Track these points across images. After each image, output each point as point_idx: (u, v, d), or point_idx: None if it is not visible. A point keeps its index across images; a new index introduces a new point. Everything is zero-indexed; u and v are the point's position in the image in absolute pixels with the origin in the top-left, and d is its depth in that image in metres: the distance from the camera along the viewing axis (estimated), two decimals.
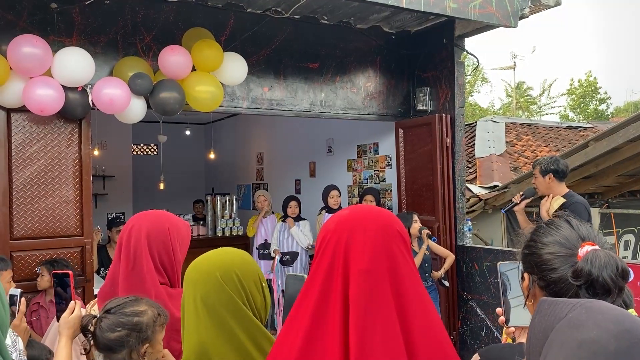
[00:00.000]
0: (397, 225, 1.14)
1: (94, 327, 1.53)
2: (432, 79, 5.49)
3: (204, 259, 1.40)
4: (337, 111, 5.31)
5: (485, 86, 30.96)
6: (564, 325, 0.81)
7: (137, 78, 3.95)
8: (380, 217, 1.14)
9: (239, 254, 1.43)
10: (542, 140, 9.31)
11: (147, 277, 1.76)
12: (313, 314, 1.06)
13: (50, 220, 3.97)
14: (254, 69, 4.73)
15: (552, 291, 1.13)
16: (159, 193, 8.48)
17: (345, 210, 1.18)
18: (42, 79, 3.62)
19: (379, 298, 1.03)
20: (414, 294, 1.06)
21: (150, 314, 1.58)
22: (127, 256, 1.78)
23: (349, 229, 1.11)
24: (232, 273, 1.33)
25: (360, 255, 1.07)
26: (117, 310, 1.56)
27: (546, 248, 1.17)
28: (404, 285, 1.07)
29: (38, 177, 3.94)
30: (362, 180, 6.71)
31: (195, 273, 1.36)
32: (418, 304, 1.05)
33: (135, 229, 1.82)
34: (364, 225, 1.11)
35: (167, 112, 4.14)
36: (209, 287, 1.31)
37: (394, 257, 1.08)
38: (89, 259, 4.10)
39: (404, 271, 1.07)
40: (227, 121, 9.86)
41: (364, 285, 1.04)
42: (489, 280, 5.05)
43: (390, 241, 1.10)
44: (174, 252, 1.83)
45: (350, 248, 1.08)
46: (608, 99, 27.53)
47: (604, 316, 0.80)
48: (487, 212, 6.76)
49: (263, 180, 9.00)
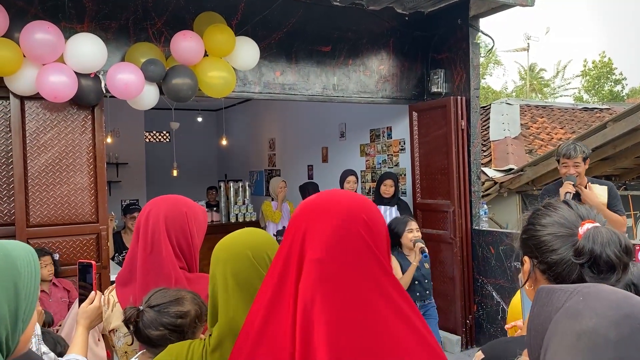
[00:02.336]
0: (364, 213, 1.03)
1: (136, 320, 1.51)
2: (447, 60, 5.40)
3: (233, 238, 1.40)
4: (350, 95, 5.25)
5: (498, 69, 30.56)
6: (561, 315, 0.77)
7: (150, 64, 3.92)
8: (345, 203, 1.05)
9: (266, 235, 1.44)
10: (557, 123, 9.18)
11: (166, 261, 1.74)
12: (268, 304, 1.02)
13: (65, 207, 3.98)
14: (265, 53, 4.68)
15: (554, 273, 1.10)
16: (172, 180, 8.50)
17: (312, 196, 1.12)
18: (55, 66, 3.61)
19: (329, 290, 0.95)
20: (374, 287, 0.97)
21: (193, 314, 1.56)
22: (145, 240, 1.76)
23: (310, 216, 1.05)
24: (264, 253, 1.35)
25: (315, 243, 1.00)
26: (161, 308, 1.53)
27: (545, 229, 1.13)
28: (365, 280, 0.97)
29: (53, 165, 3.94)
30: (376, 165, 6.66)
31: (224, 252, 1.36)
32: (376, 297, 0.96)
33: (153, 213, 1.80)
34: (324, 212, 1.03)
35: (180, 99, 4.12)
36: (240, 265, 1.32)
37: (354, 247, 0.99)
38: (105, 246, 4.12)
39: (366, 263, 0.98)
40: (239, 107, 9.83)
41: (313, 275, 0.97)
42: (505, 264, 5.00)
43: (352, 230, 1.00)
44: (191, 236, 1.81)
45: (307, 236, 1.02)
46: (623, 80, 27.09)
47: (602, 302, 0.75)
48: (502, 195, 6.69)
49: (275, 167, 8.98)
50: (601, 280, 1.05)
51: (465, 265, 5.13)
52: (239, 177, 9.36)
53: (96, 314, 1.81)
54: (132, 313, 1.51)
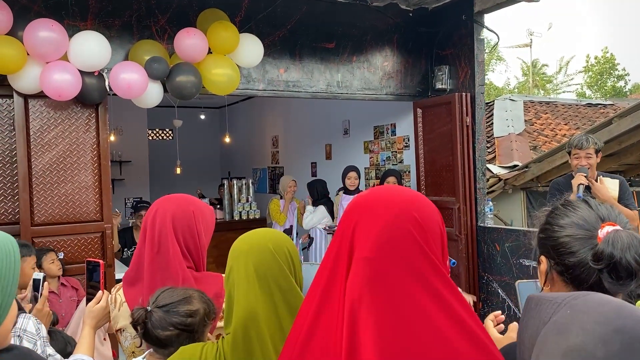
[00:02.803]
0: (415, 210, 0.99)
1: (144, 321, 1.49)
2: (451, 56, 5.37)
3: (253, 232, 1.42)
4: (354, 92, 5.23)
5: (500, 65, 30.46)
6: (548, 330, 0.73)
7: (154, 62, 3.90)
8: (396, 201, 1.01)
9: (283, 234, 1.47)
10: (561, 119, 9.15)
11: (173, 261, 1.72)
12: (319, 301, 1.00)
13: (70, 205, 3.97)
14: (269, 50, 4.66)
15: (572, 276, 1.06)
16: (176, 177, 8.50)
17: (365, 192, 1.09)
18: (59, 64, 3.59)
19: (377, 289, 0.92)
20: (423, 290, 0.93)
21: (202, 313, 1.54)
22: (152, 240, 1.75)
23: (360, 213, 1.01)
24: (284, 247, 1.36)
25: (364, 241, 0.97)
26: (170, 308, 1.50)
27: (563, 230, 1.09)
28: (414, 279, 0.94)
29: (57, 163, 3.93)
30: (380, 162, 6.64)
31: (246, 244, 1.38)
32: (426, 299, 0.92)
33: (160, 213, 1.78)
34: (375, 209, 1.00)
35: (184, 96, 4.10)
36: (261, 256, 1.33)
37: (404, 246, 0.95)
38: (110, 244, 4.11)
39: (418, 264, 0.95)
40: (242, 104, 9.81)
41: (361, 273, 0.94)
42: (511, 261, 4.98)
43: (402, 228, 0.97)
44: (199, 235, 1.79)
45: (356, 233, 0.99)
46: (626, 76, 26.98)
47: (590, 316, 0.70)
48: (506, 192, 6.66)
49: (279, 164, 8.96)
50: (620, 286, 1.02)
51: (471, 262, 5.11)
52: (242, 175, 9.35)
53: (103, 313, 1.79)
54: (140, 314, 1.49)
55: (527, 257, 4.77)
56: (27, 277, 2.86)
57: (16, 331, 1.74)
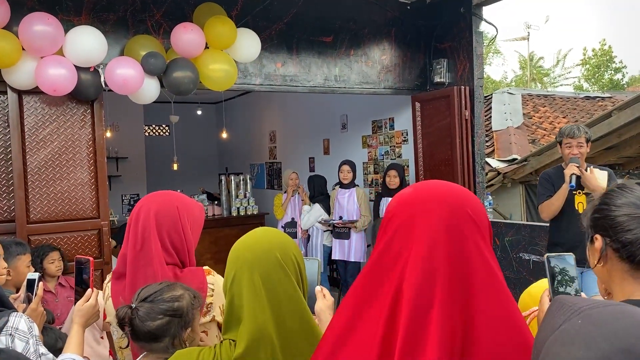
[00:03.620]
0: (468, 206, 0.98)
1: (131, 318, 1.45)
2: (450, 50, 5.33)
3: (257, 238, 1.34)
4: (352, 86, 5.18)
5: (497, 58, 30.39)
6: (554, 339, 0.69)
7: (150, 57, 3.85)
8: (448, 197, 0.99)
9: (286, 235, 1.40)
10: (559, 112, 9.12)
11: (155, 259, 1.70)
12: (361, 300, 0.97)
13: (66, 203, 3.93)
14: (266, 44, 4.61)
15: (628, 252, 1.12)
16: (173, 174, 8.45)
17: (408, 189, 1.05)
18: (54, 58, 3.54)
19: (434, 290, 0.90)
20: (484, 287, 0.91)
21: (187, 298, 1.51)
22: (135, 236, 1.73)
23: (408, 211, 0.99)
24: (291, 254, 1.30)
25: (418, 240, 0.94)
26: (154, 297, 1.47)
27: (620, 210, 1.15)
28: (472, 277, 0.92)
29: (52, 160, 3.89)
30: (378, 156, 6.61)
31: (250, 254, 1.29)
32: (488, 299, 0.91)
33: (144, 209, 1.75)
34: (427, 207, 0.98)
35: (181, 92, 4.06)
36: (269, 267, 1.26)
37: (460, 243, 0.93)
38: (107, 241, 4.07)
39: (473, 260, 0.92)
40: (238, 100, 9.75)
41: (417, 274, 0.91)
42: (511, 255, 4.96)
43: (456, 225, 0.95)
44: (184, 231, 1.76)
45: (409, 231, 0.96)
46: (624, 68, 26.94)
47: (599, 330, 0.65)
48: (505, 185, 6.64)
49: (276, 159, 8.92)
50: None
51: None
52: (239, 171, 9.31)
53: (92, 312, 1.77)
54: (125, 312, 1.45)
55: (527, 251, 4.75)
56: (22, 275, 2.82)
57: (8, 330, 1.71)
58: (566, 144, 3.63)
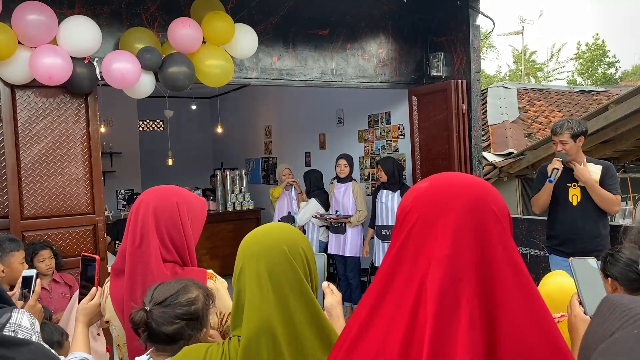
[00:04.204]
0: (492, 201, 0.93)
1: (147, 321, 1.42)
2: (446, 43, 5.30)
3: (265, 231, 1.31)
4: (349, 80, 5.15)
5: (491, 53, 30.37)
6: (607, 348, 0.63)
7: (146, 52, 3.80)
8: (469, 192, 0.93)
9: (296, 229, 1.36)
10: (555, 106, 9.12)
11: (153, 256, 1.66)
12: (377, 301, 0.94)
13: (60, 198, 3.88)
14: (262, 37, 4.56)
15: None
16: (168, 169, 8.39)
17: (424, 182, 0.99)
18: (49, 47, 3.49)
19: (460, 289, 0.86)
20: (512, 287, 0.88)
21: (202, 298, 1.49)
22: (134, 232, 1.69)
23: (428, 206, 0.93)
24: (299, 247, 1.26)
25: (441, 238, 0.90)
26: (170, 301, 1.44)
27: None
28: (498, 276, 0.88)
29: (46, 155, 3.84)
30: (375, 150, 6.58)
31: (257, 246, 1.27)
32: (516, 299, 0.87)
33: (143, 205, 1.72)
34: (446, 202, 0.92)
35: (176, 88, 4.01)
36: (275, 260, 1.23)
37: (485, 241, 0.89)
38: (102, 237, 4.03)
39: (499, 258, 0.89)
40: (234, 94, 9.70)
41: (441, 273, 0.87)
42: None
43: (481, 221, 0.90)
44: (184, 228, 1.72)
45: (429, 229, 0.91)
46: (617, 63, 27.02)
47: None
48: (502, 179, 6.63)
49: (272, 154, 8.88)
50: None
51: None
52: (235, 166, 9.26)
53: (96, 311, 1.74)
54: (141, 316, 1.41)
55: (525, 245, 4.75)
56: (16, 272, 2.78)
57: (11, 326, 1.68)
58: (552, 141, 3.82)
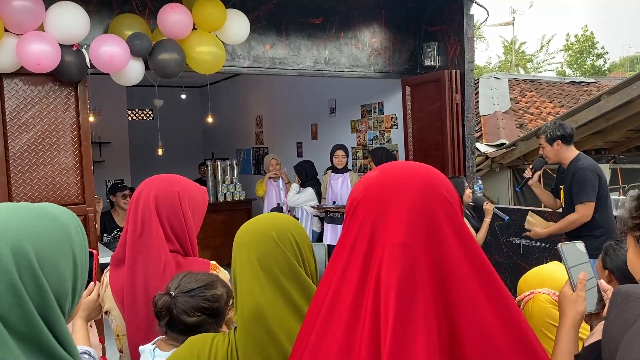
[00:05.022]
0: (443, 187, 0.92)
1: (170, 306, 1.42)
2: (440, 33, 5.27)
3: (255, 221, 1.32)
4: (342, 69, 5.10)
5: (481, 44, 30.39)
6: (633, 335, 0.65)
7: (136, 38, 3.73)
8: (420, 178, 0.92)
9: (289, 217, 1.36)
10: (546, 97, 9.14)
11: (155, 245, 1.64)
12: (333, 296, 0.91)
13: (50, 188, 3.82)
14: (254, 25, 4.50)
15: None
16: (158, 159, 8.31)
17: (373, 172, 0.98)
18: (37, 34, 3.42)
19: (416, 278, 0.84)
20: (467, 272, 0.86)
21: (225, 297, 1.49)
22: (135, 221, 1.66)
23: (379, 194, 0.92)
24: (288, 233, 1.26)
25: (393, 226, 0.88)
26: (197, 293, 1.44)
27: None
28: (452, 264, 0.86)
29: (35, 144, 3.76)
30: (367, 141, 6.56)
31: (247, 235, 1.28)
32: (471, 285, 0.86)
33: (144, 194, 1.69)
34: (398, 189, 0.90)
35: (167, 75, 3.95)
36: (264, 247, 1.23)
37: (437, 228, 0.88)
38: (92, 228, 3.97)
39: (453, 244, 0.87)
40: (224, 83, 9.60)
41: (398, 261, 0.85)
42: (501, 240, 4.97)
43: (432, 206, 0.88)
44: (185, 217, 1.70)
45: (381, 218, 0.89)
46: (605, 54, 27.17)
47: None
48: (494, 170, 6.65)
49: (263, 144, 8.82)
50: None
51: None
52: (225, 156, 9.19)
53: (94, 306, 1.70)
54: (165, 300, 1.42)
55: (518, 236, 4.76)
56: None
57: None
58: None
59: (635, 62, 27.71)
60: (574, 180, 3.55)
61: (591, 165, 3.60)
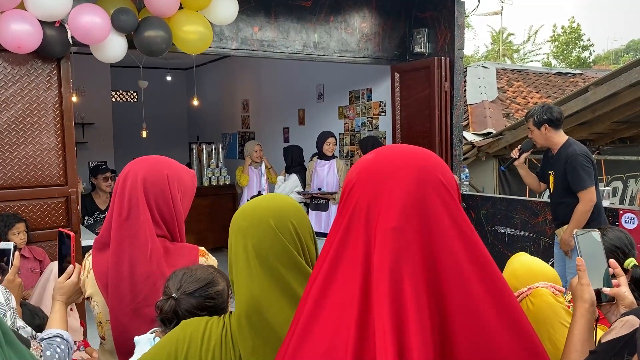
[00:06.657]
0: (438, 170, 0.90)
1: (175, 310, 1.37)
2: (431, 19, 5.23)
3: (253, 205, 1.24)
4: (331, 54, 5.05)
5: (469, 32, 30.38)
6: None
7: (121, 14, 3.63)
8: (415, 161, 0.90)
9: (291, 201, 1.27)
10: (533, 87, 9.17)
11: (142, 229, 1.58)
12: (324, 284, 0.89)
13: (31, 169, 3.73)
14: (243, 6, 4.41)
15: None
16: (142, 141, 8.19)
17: (369, 155, 0.96)
18: (16, 12, 3.30)
19: (408, 262, 0.83)
20: (461, 259, 0.84)
21: (226, 290, 1.45)
22: (121, 204, 1.60)
23: (374, 177, 0.90)
24: (287, 221, 1.19)
25: (386, 210, 0.86)
26: (201, 293, 1.40)
27: None
28: (445, 248, 0.85)
29: (16, 123, 3.66)
30: (355, 127, 6.52)
31: (244, 221, 1.21)
32: (466, 271, 0.84)
33: (131, 176, 1.63)
34: (392, 172, 0.89)
35: (153, 53, 3.85)
36: (261, 235, 1.16)
37: (432, 212, 0.86)
38: (75, 209, 3.89)
39: (448, 229, 0.86)
40: (210, 66, 9.47)
41: (390, 246, 0.84)
42: (486, 228, 4.99)
43: (428, 191, 0.87)
44: (173, 201, 1.65)
45: (375, 201, 0.88)
46: (591, 46, 27.36)
47: None
48: (480, 159, 6.66)
49: (249, 129, 8.74)
50: None
51: None
52: (211, 140, 9.10)
53: (74, 289, 1.65)
54: (170, 305, 1.37)
55: (502, 225, 4.78)
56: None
57: None
58: None
59: (620, 55, 27.98)
60: (569, 167, 3.54)
61: (583, 151, 3.60)
